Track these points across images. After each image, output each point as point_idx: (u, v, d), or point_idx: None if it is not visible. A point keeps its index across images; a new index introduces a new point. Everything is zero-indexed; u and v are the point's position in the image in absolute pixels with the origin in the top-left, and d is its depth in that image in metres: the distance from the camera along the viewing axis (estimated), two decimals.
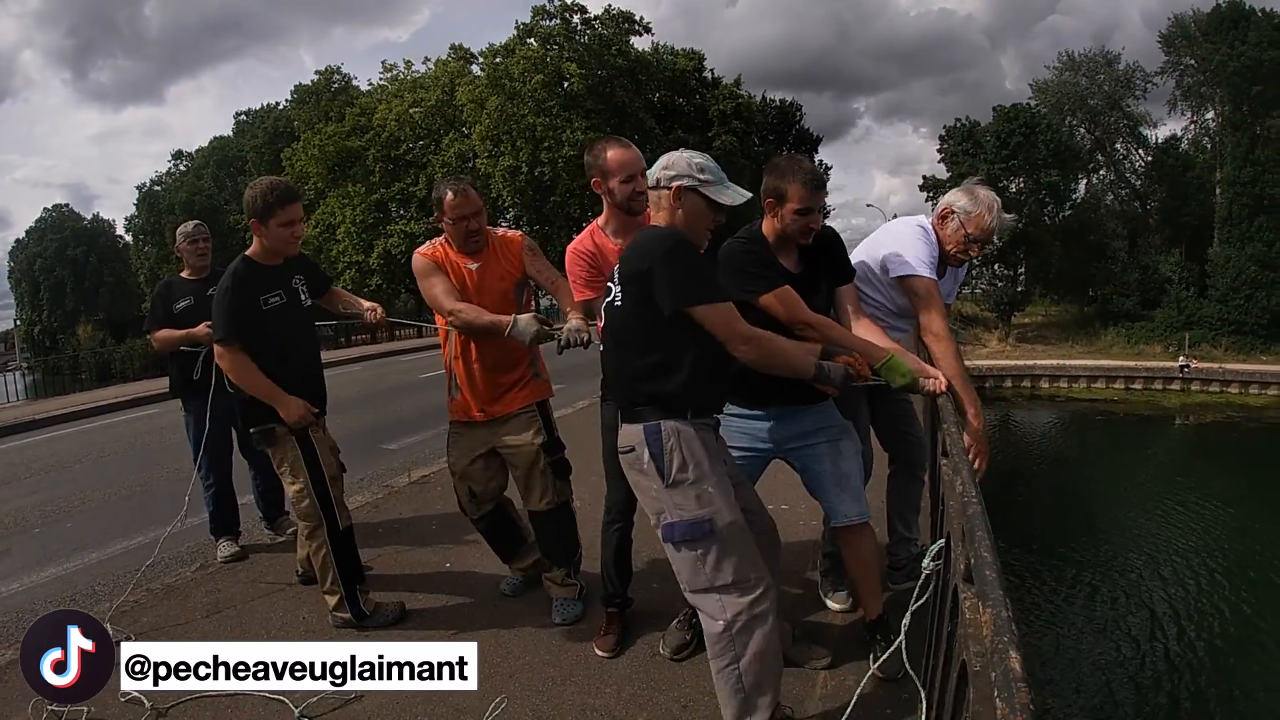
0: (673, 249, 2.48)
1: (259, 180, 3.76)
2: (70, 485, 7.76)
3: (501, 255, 3.74)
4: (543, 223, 38.95)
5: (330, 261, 39.76)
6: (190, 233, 5.12)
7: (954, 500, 2.04)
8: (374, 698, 3.01)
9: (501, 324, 3.45)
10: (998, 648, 1.22)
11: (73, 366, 35.84)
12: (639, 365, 2.56)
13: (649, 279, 2.47)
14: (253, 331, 3.61)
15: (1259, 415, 24.65)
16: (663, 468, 2.51)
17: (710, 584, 2.49)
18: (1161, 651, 9.98)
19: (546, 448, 3.74)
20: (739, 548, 2.50)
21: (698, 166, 2.57)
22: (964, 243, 3.27)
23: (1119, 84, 37.18)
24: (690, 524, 2.48)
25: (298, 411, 3.62)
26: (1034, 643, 9.96)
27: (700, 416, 2.60)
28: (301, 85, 46.60)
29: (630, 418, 2.60)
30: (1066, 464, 20.86)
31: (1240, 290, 30.96)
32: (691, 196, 2.57)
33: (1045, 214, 36.02)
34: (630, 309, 2.57)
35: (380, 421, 9.47)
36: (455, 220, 3.59)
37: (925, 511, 3.89)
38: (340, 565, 3.72)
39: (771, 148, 46.69)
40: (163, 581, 4.55)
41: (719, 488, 2.53)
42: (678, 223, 2.59)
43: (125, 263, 59.47)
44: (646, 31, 39.78)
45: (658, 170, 2.63)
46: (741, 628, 2.45)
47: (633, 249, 2.62)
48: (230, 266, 3.72)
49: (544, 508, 3.73)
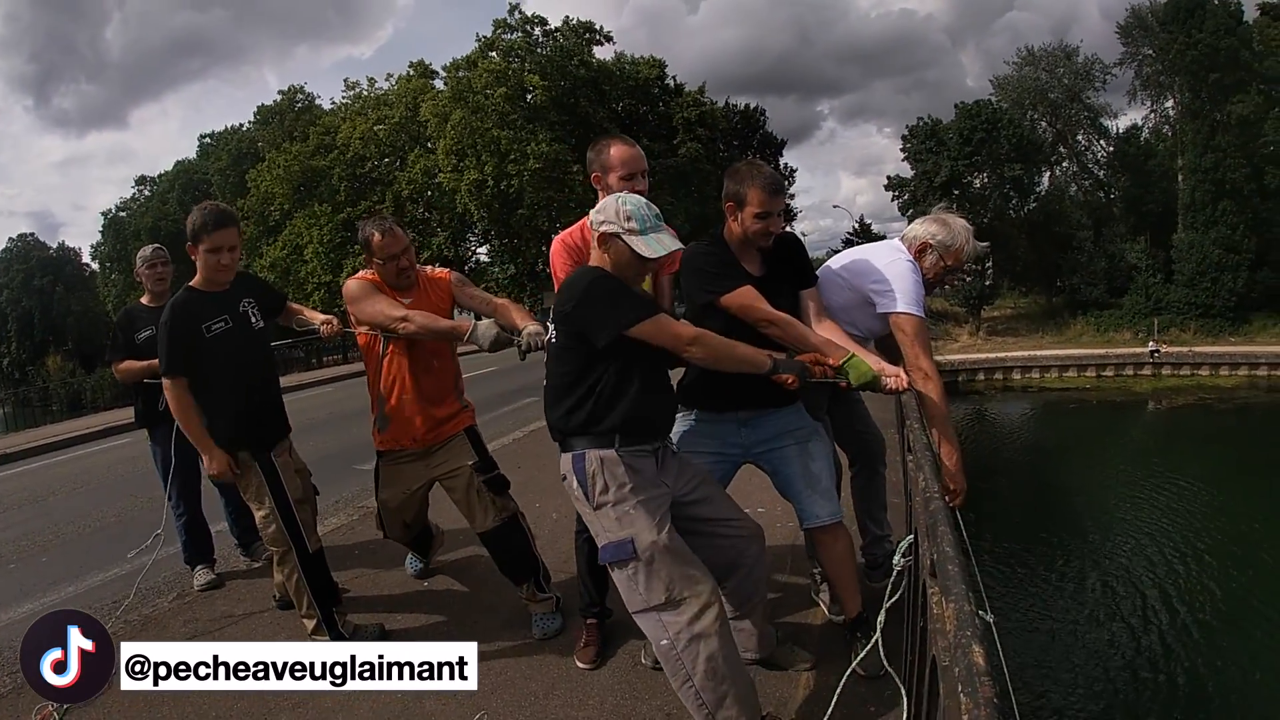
0: (589, 285, 2.59)
1: (196, 207, 3.72)
2: (45, 519, 7.65)
3: (432, 292, 3.77)
4: (510, 235, 38.92)
5: (299, 282, 39.49)
6: (148, 257, 5.05)
7: (918, 496, 2.07)
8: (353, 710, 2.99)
9: (461, 328, 3.46)
10: (960, 642, 1.24)
11: (43, 398, 35.39)
12: (569, 399, 2.66)
13: (573, 319, 2.59)
14: (198, 361, 3.57)
15: (1230, 396, 24.97)
16: (588, 493, 2.62)
17: (646, 604, 2.54)
18: (1156, 632, 10.03)
19: (478, 468, 3.75)
20: (668, 567, 2.52)
21: (625, 214, 2.59)
22: (944, 273, 3.34)
23: (1079, 76, 37.61)
24: (615, 545, 2.57)
25: (219, 466, 3.62)
26: (1029, 629, 10.05)
27: (630, 444, 2.65)
28: (265, 105, 46.44)
29: (563, 448, 2.73)
30: (1042, 453, 20.99)
31: (1206, 274, 31.39)
32: (616, 243, 2.61)
33: (1010, 208, 36.35)
34: (561, 345, 2.68)
35: (352, 442, 9.37)
36: (385, 260, 3.61)
37: (898, 507, 3.93)
38: (314, 589, 3.68)
39: (737, 153, 46.91)
40: (140, 612, 4.50)
41: (643, 509, 2.58)
42: (605, 265, 2.66)
43: (92, 291, 58.91)
44: (608, 41, 39.99)
45: (592, 214, 2.70)
46: (685, 646, 2.48)
47: (560, 290, 2.71)
48: (170, 299, 3.68)
49: (492, 526, 3.72)
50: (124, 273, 51.69)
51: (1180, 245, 32.87)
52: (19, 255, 60.53)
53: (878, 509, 3.76)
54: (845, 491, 3.70)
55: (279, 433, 3.86)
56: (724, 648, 2.51)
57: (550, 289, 15.29)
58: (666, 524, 2.60)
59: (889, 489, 3.89)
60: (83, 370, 47.22)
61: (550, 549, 4.40)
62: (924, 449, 2.31)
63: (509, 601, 4.05)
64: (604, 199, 2.70)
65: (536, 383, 3.65)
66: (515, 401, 11.53)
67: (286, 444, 3.90)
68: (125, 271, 51.49)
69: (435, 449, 3.77)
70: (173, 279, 5.12)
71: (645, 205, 2.65)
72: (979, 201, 35.13)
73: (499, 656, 3.54)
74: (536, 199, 35.96)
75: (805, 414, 3.25)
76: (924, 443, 2.40)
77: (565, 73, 37.98)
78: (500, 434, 8.89)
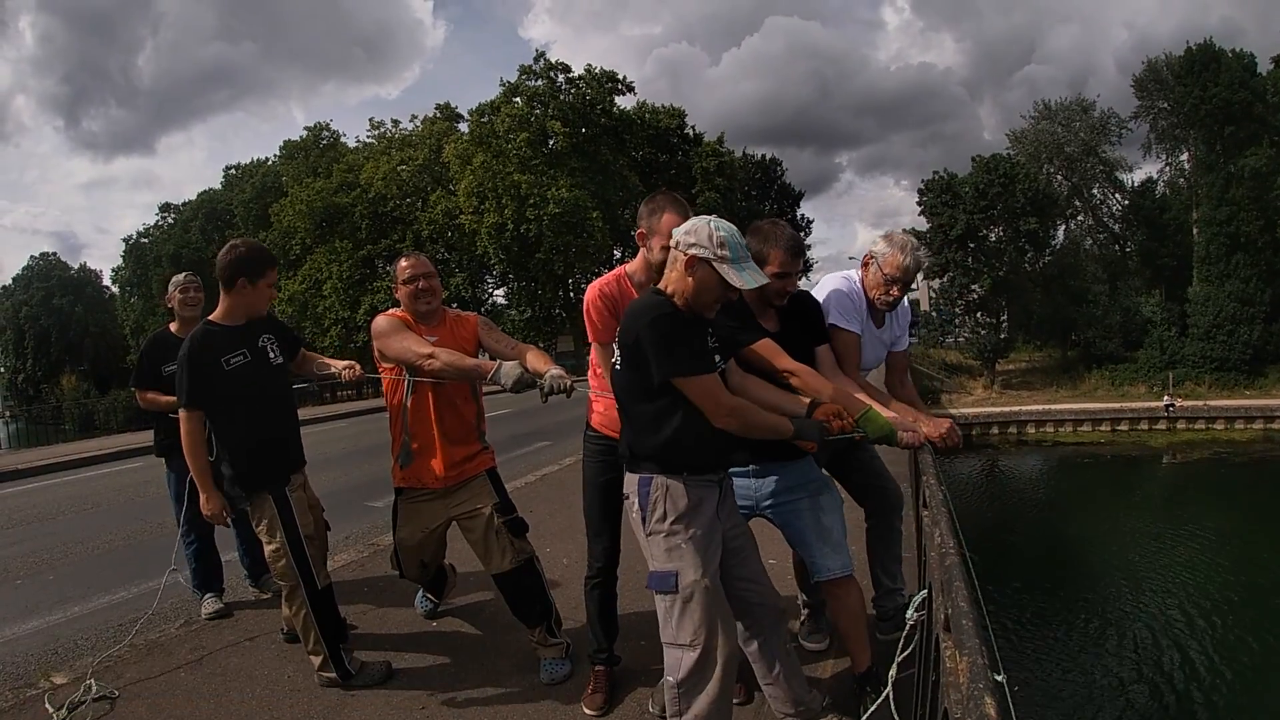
0: (655, 321, 2.53)
1: (242, 241, 3.81)
2: (53, 537, 7.66)
3: (458, 330, 3.81)
4: (527, 279, 39.08)
5: (316, 317, 39.72)
6: (181, 282, 5.10)
7: (934, 551, 2.06)
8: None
9: (485, 368, 3.46)
10: (973, 694, 1.25)
11: (56, 417, 35.62)
12: (640, 424, 2.65)
13: (638, 348, 2.55)
14: (217, 393, 3.62)
15: (1245, 450, 24.77)
16: (645, 516, 2.62)
17: (674, 639, 2.55)
18: (1172, 694, 9.92)
19: (499, 508, 3.76)
20: (701, 610, 2.52)
21: (719, 241, 2.52)
22: (884, 284, 3.41)
23: (1094, 130, 37.91)
24: (660, 576, 2.58)
25: (213, 508, 3.68)
26: (1043, 690, 9.91)
27: (699, 474, 2.65)
28: (290, 140, 46.99)
29: (632, 467, 2.71)
30: (1057, 509, 20.79)
31: (1221, 327, 31.36)
32: (704, 268, 2.53)
33: (1025, 261, 36.45)
34: (627, 373, 2.64)
35: (365, 478, 9.42)
36: (407, 280, 3.67)
37: (910, 561, 3.91)
38: (322, 625, 3.69)
39: (754, 203, 47.19)
40: (146, 637, 4.48)
41: (695, 544, 2.58)
42: (686, 289, 2.58)
43: (111, 314, 59.53)
44: (629, 90, 40.35)
45: (680, 232, 2.61)
46: (689, 688, 2.51)
47: (626, 317, 2.67)
48: (190, 333, 3.73)
49: (509, 567, 3.70)
50: (143, 297, 52.25)
51: (1195, 298, 32.87)
52: (40, 274, 61.40)
53: (891, 561, 3.72)
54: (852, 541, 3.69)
55: (295, 466, 3.89)
56: (721, 699, 2.55)
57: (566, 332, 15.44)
58: (713, 565, 2.61)
59: (902, 543, 3.87)
60: (97, 391, 47.48)
61: (561, 594, 4.40)
62: (940, 504, 2.31)
63: (518, 645, 4.03)
64: (693, 220, 2.63)
65: (550, 426, 3.68)
66: (529, 445, 11.49)
67: (301, 478, 3.92)
68: (145, 296, 52.06)
69: (456, 489, 3.77)
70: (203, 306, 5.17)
71: (737, 233, 2.59)
72: (994, 255, 35.22)
73: (506, 701, 3.53)
74: (555, 243, 36.20)
75: (815, 467, 3.28)
76: (940, 498, 2.40)
77: (587, 120, 38.41)
78: (513, 477, 8.79)
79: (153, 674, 4.01)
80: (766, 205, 49.56)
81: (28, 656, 4.60)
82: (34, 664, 4.44)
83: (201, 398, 3.60)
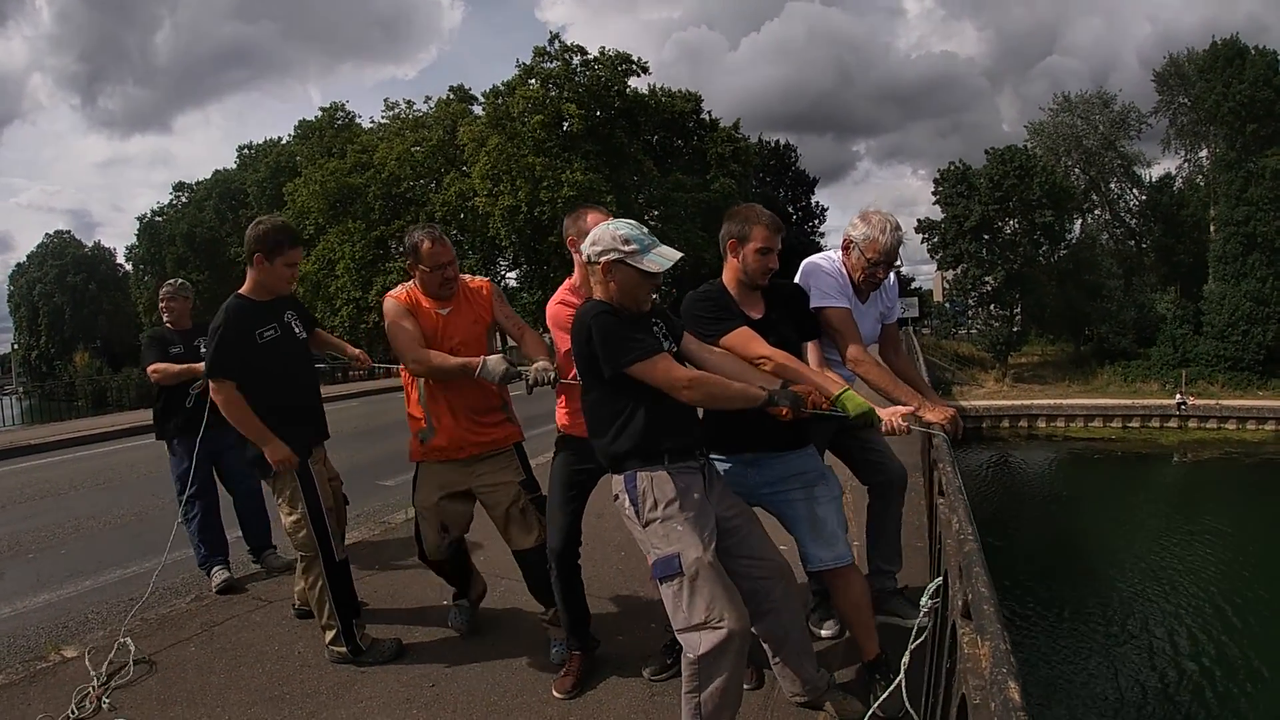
0: (597, 318, 2.66)
1: (268, 218, 3.84)
2: (66, 512, 7.73)
3: (472, 301, 3.78)
4: (539, 262, 39.01)
5: (328, 298, 39.76)
6: (167, 292, 5.31)
7: (951, 538, 2.05)
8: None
9: (471, 365, 3.47)
10: (996, 679, 1.24)
11: (69, 393, 35.77)
12: (611, 428, 2.73)
13: (584, 357, 2.70)
14: (249, 365, 3.65)
15: (1256, 450, 24.64)
16: (639, 510, 2.68)
17: (688, 622, 2.55)
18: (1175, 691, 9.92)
19: (525, 485, 3.75)
20: (710, 586, 2.54)
21: (622, 239, 2.66)
22: (867, 268, 3.39)
23: (1114, 125, 37.63)
24: (663, 561, 2.60)
25: (282, 454, 3.65)
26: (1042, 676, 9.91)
27: (679, 460, 2.73)
28: (306, 120, 46.88)
29: (615, 469, 2.78)
30: (1065, 503, 20.76)
31: (1236, 326, 31.16)
32: (621, 268, 2.67)
33: (1040, 254, 36.20)
34: (587, 380, 2.79)
35: (378, 457, 9.46)
36: (433, 268, 3.62)
37: (910, 545, 3.89)
38: (336, 598, 3.71)
39: (769, 189, 46.97)
40: (157, 612, 4.52)
41: (690, 525, 2.62)
42: (611, 293, 2.72)
43: (125, 292, 59.63)
44: (644, 72, 40.07)
45: (587, 247, 2.74)
46: (707, 664, 2.53)
47: (573, 328, 2.79)
48: (224, 305, 3.74)
49: (533, 544, 3.68)
50: (157, 275, 52.33)
51: (1210, 297, 32.67)
52: (54, 251, 61.59)
53: (885, 544, 3.72)
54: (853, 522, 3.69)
55: (318, 438, 3.92)
56: (736, 675, 2.57)
57: None
58: (712, 543, 2.64)
59: (911, 532, 3.85)
60: (109, 369, 47.66)
61: None
62: (957, 491, 2.29)
63: (528, 624, 4.05)
64: (593, 232, 2.76)
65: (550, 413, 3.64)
66: (545, 426, 11.41)
67: (322, 451, 3.96)
68: (159, 275, 52.13)
69: (481, 458, 3.74)
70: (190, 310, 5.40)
71: (637, 225, 2.72)
72: (1009, 247, 35.05)
73: (516, 681, 3.53)
74: None
75: (815, 458, 3.27)
76: (957, 485, 2.38)
77: (601, 103, 38.23)
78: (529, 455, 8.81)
79: (163, 649, 4.04)
80: (781, 191, 49.35)
81: (38, 629, 4.66)
82: (44, 637, 4.48)
83: (231, 368, 3.62)
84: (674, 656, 3.38)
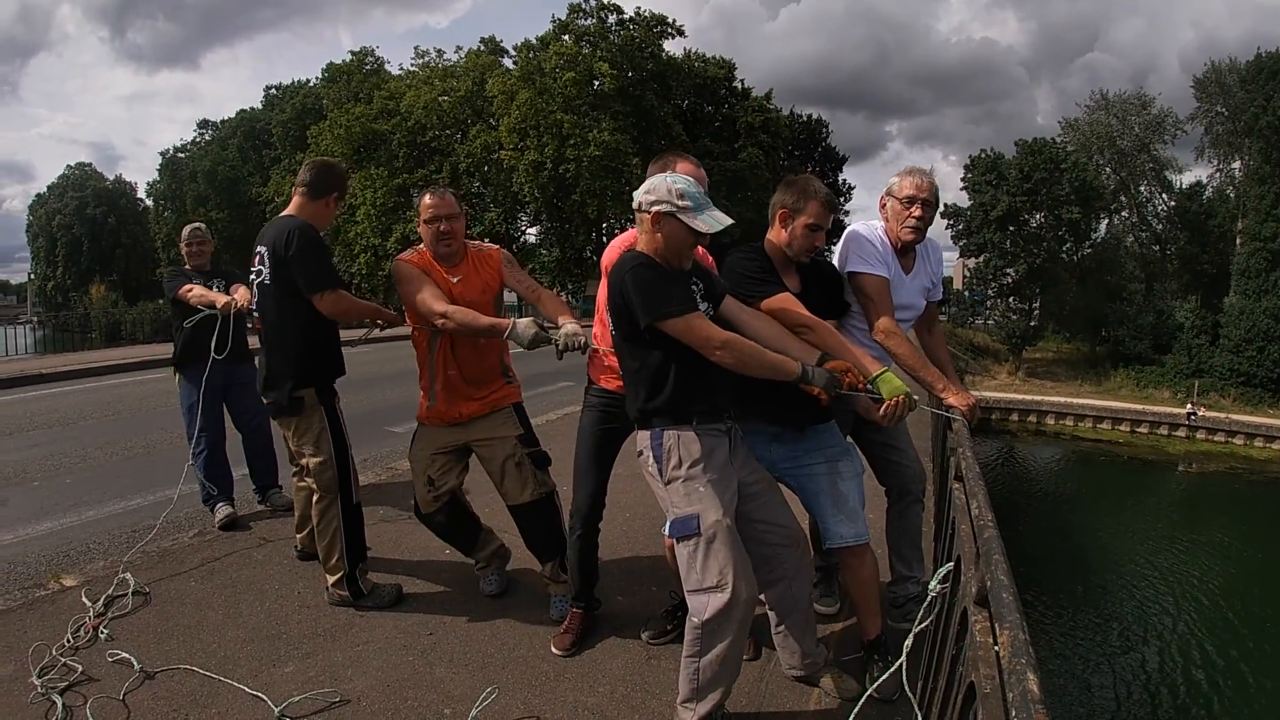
0: (634, 270, 2.63)
1: (321, 159, 3.92)
2: (73, 442, 7.77)
3: (481, 268, 3.74)
4: (560, 220, 38.92)
5: (347, 243, 39.80)
6: (197, 236, 5.34)
7: (967, 524, 2.02)
8: (361, 699, 3.00)
9: (501, 326, 3.39)
10: (1015, 669, 1.21)
11: (83, 325, 35.91)
12: (643, 381, 2.71)
13: (624, 303, 2.64)
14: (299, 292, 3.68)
15: (1262, 468, 24.42)
16: (662, 468, 2.67)
17: (700, 584, 2.56)
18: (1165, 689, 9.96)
19: (523, 439, 3.74)
20: (725, 549, 2.54)
21: (678, 193, 2.61)
22: (901, 211, 3.31)
23: (1149, 127, 37.13)
24: (681, 520, 2.60)
25: (374, 310, 4.02)
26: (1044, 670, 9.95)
27: (708, 422, 2.70)
28: (334, 64, 46.63)
29: (643, 425, 2.76)
30: (1068, 501, 20.74)
31: (1253, 342, 30.82)
32: (670, 222, 2.63)
33: (1064, 251, 35.83)
34: (621, 332, 2.73)
35: (385, 404, 9.49)
36: (428, 220, 3.60)
37: (929, 536, 3.86)
38: (349, 541, 3.73)
39: (797, 163, 46.58)
40: (159, 545, 4.54)
41: (712, 488, 2.61)
42: (656, 245, 2.68)
43: (144, 226, 59.78)
44: (679, 34, 39.70)
45: (640, 194, 2.69)
46: (712, 629, 2.54)
47: (610, 279, 2.75)
48: (299, 226, 3.66)
49: (529, 499, 3.69)
50: (177, 212, 52.38)
51: (1230, 310, 32.32)
52: (75, 183, 61.62)
53: (908, 548, 3.59)
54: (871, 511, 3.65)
55: (340, 373, 3.94)
56: (737, 644, 2.59)
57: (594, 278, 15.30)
58: (732, 507, 2.64)
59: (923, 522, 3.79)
60: (125, 302, 47.84)
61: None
62: (976, 477, 2.25)
63: (528, 581, 4.06)
64: (649, 180, 2.73)
65: (574, 366, 3.62)
66: (552, 384, 11.45)
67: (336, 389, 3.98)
68: (179, 211, 52.19)
69: (477, 419, 3.73)
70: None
71: (694, 184, 2.68)
72: (1033, 240, 34.72)
73: (514, 634, 3.54)
74: (591, 186, 35.69)
75: (838, 433, 3.22)
76: (976, 471, 2.34)
77: (634, 64, 37.92)
78: (534, 414, 8.79)
79: (163, 582, 4.06)
80: (809, 166, 48.90)
81: (39, 557, 4.68)
82: (45, 565, 4.52)
83: (339, 278, 3.79)
84: (674, 623, 3.42)
